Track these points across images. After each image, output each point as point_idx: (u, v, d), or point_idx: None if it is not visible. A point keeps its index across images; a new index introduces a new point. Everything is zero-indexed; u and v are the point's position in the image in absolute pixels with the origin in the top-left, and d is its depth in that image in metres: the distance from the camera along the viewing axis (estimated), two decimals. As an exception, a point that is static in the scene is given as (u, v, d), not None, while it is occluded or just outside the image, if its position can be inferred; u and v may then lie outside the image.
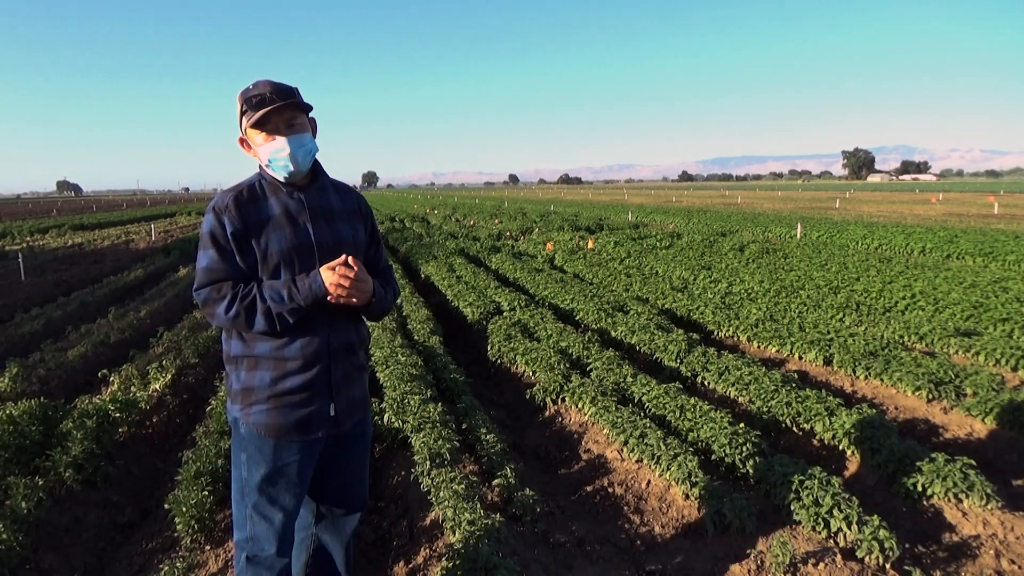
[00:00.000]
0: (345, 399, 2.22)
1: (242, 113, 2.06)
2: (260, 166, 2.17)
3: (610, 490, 4.08)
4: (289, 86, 2.08)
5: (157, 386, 5.50)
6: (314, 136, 2.17)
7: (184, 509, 3.41)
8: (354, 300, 2.08)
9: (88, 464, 4.02)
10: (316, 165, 2.21)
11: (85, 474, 3.98)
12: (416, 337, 7.02)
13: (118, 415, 4.68)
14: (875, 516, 3.17)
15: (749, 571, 3.12)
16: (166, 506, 3.56)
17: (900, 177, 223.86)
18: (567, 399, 5.27)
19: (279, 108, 2.02)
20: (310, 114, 2.16)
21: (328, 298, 2.05)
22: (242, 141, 2.16)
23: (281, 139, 2.05)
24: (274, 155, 2.06)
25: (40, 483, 3.67)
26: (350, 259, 2.06)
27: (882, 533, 3.05)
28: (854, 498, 3.34)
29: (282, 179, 2.12)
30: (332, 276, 2.02)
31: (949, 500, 3.54)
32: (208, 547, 3.41)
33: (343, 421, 2.23)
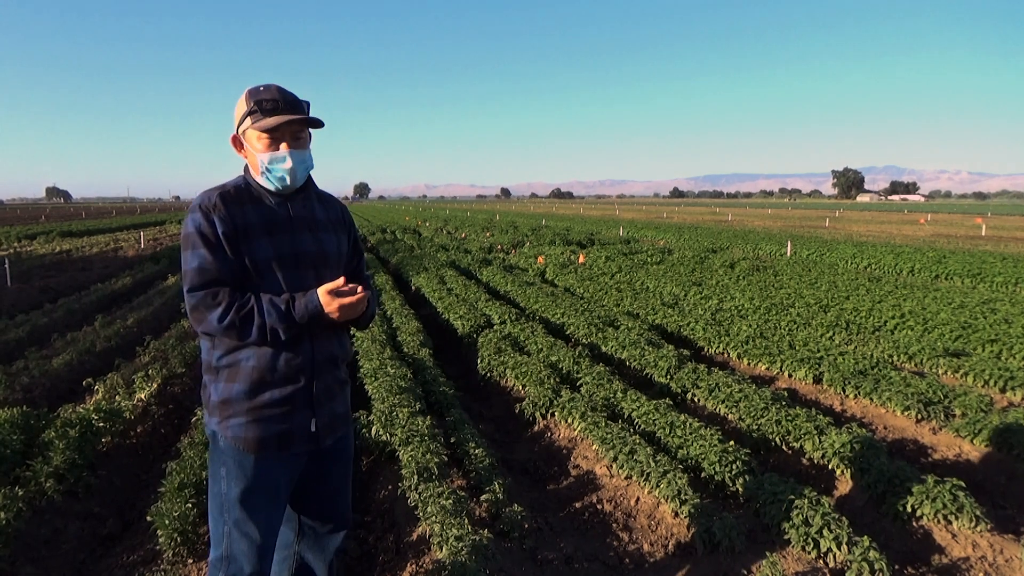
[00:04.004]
0: (327, 414, 2.15)
1: (249, 112, 1.99)
2: (247, 170, 2.11)
3: (599, 507, 4.05)
4: (299, 99, 2.03)
5: (142, 396, 5.44)
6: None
7: (167, 522, 3.35)
8: (351, 316, 2.05)
9: (70, 474, 3.95)
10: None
11: (66, 485, 3.92)
12: (406, 349, 6.98)
13: (102, 425, 4.60)
14: (865, 537, 3.16)
15: (738, 591, 3.10)
16: (148, 518, 3.49)
17: (889, 197, 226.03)
18: (557, 414, 5.24)
19: (292, 121, 1.97)
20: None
21: (329, 316, 2.00)
22: (235, 140, 2.08)
23: (285, 151, 2.00)
24: (274, 165, 2.00)
25: (20, 493, 3.60)
26: (343, 280, 2.03)
27: (872, 554, 3.04)
28: (844, 518, 3.32)
29: (273, 189, 2.06)
30: (332, 301, 1.98)
31: (939, 521, 3.53)
32: (190, 561, 3.35)
33: (324, 437, 2.15)
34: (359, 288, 2.04)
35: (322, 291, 1.99)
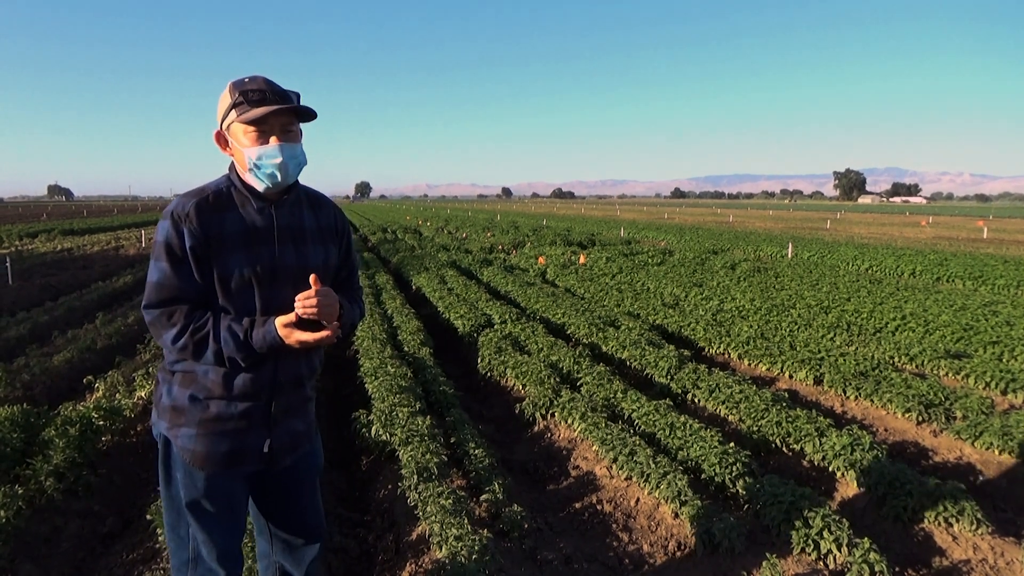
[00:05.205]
0: (285, 434, 2.03)
1: (234, 105, 1.84)
2: (232, 169, 1.96)
3: (599, 507, 4.05)
4: (288, 90, 1.90)
5: (143, 393, 5.44)
6: None
7: (166, 520, 3.34)
8: (325, 332, 1.88)
9: (70, 473, 3.95)
10: None
11: (66, 483, 3.91)
12: (406, 348, 6.98)
13: (102, 423, 4.60)
14: (865, 539, 3.16)
15: (738, 593, 3.09)
16: (148, 516, 3.50)
17: (890, 199, 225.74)
18: (557, 414, 5.23)
19: (281, 111, 1.83)
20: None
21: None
22: (219, 136, 1.94)
23: (275, 144, 1.84)
24: (263, 161, 1.85)
25: (20, 492, 3.60)
26: (312, 279, 1.86)
27: (872, 556, 3.03)
28: (844, 520, 3.32)
29: (262, 188, 1.91)
30: (291, 334, 1.84)
31: (939, 524, 3.52)
32: (190, 559, 3.34)
33: (280, 457, 2.04)
34: (324, 324, 1.88)
35: (279, 323, 1.85)
